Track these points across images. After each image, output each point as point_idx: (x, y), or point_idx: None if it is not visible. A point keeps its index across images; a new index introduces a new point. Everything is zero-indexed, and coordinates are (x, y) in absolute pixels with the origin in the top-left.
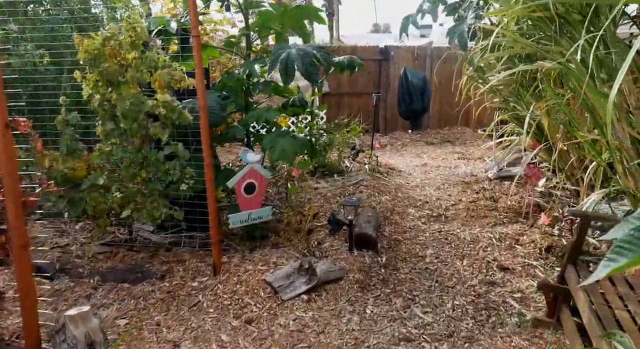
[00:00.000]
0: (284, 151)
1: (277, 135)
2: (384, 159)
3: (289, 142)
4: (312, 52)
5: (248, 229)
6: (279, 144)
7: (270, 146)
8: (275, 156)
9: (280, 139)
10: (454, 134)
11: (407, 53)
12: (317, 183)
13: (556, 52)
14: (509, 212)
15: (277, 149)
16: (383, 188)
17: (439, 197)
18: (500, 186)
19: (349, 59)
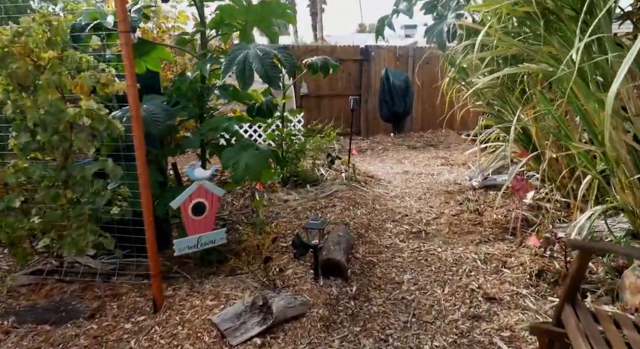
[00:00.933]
0: (249, 166)
1: (240, 148)
2: (363, 166)
3: (254, 155)
4: (272, 53)
5: (203, 252)
6: (242, 159)
7: (233, 162)
8: (239, 173)
9: (244, 153)
10: (437, 137)
11: (388, 53)
12: (287, 194)
13: (545, 53)
14: (495, 228)
15: (241, 165)
16: (359, 199)
17: (419, 210)
18: (485, 197)
19: (323, 60)
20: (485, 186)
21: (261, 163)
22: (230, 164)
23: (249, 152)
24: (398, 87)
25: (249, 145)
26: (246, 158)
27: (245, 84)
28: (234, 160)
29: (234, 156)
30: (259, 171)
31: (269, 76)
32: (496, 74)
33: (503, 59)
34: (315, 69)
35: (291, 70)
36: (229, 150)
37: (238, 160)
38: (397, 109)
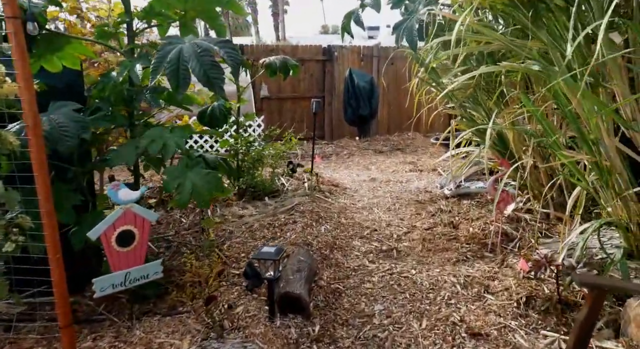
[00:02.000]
0: (196, 189)
1: (185, 165)
2: (328, 173)
3: (203, 175)
4: (212, 49)
5: (138, 286)
6: (188, 179)
7: (177, 184)
8: (184, 197)
9: (190, 173)
10: (404, 140)
11: (352, 53)
12: (243, 209)
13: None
14: (472, 243)
15: (186, 187)
16: (324, 213)
17: (389, 223)
18: (459, 207)
19: (282, 59)
20: (458, 194)
21: (211, 184)
22: (173, 186)
23: (196, 171)
24: (363, 89)
25: (196, 162)
26: (193, 178)
27: (180, 87)
28: (178, 181)
29: (179, 175)
30: (209, 194)
31: (209, 78)
32: (471, 74)
33: (477, 57)
34: (273, 69)
35: (236, 69)
36: (172, 169)
37: (183, 181)
38: (362, 111)
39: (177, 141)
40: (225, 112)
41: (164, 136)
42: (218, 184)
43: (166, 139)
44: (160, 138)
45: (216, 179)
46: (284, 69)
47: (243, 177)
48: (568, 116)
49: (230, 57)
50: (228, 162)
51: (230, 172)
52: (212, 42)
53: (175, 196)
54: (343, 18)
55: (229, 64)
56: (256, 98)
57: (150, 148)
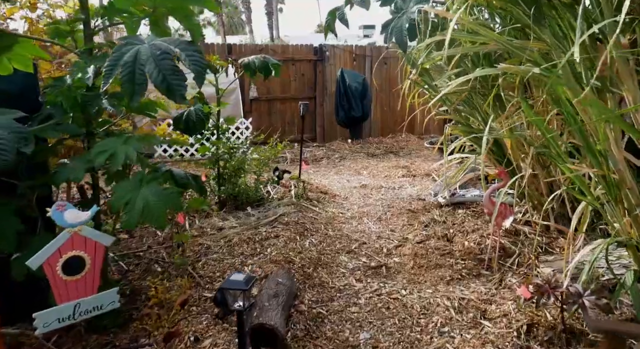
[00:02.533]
0: (149, 207)
1: (139, 181)
2: (317, 178)
3: (158, 193)
4: (173, 51)
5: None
6: (139, 197)
7: (126, 202)
8: (133, 217)
9: (144, 189)
10: (398, 142)
11: (344, 53)
12: (224, 220)
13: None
14: (468, 259)
15: (136, 205)
16: (310, 224)
17: (379, 235)
18: (454, 217)
19: (262, 60)
20: (452, 203)
21: (168, 203)
22: (120, 205)
23: (152, 187)
24: (355, 90)
25: (152, 177)
26: (147, 196)
27: (135, 93)
28: (127, 198)
29: (130, 191)
30: (163, 213)
31: (168, 84)
32: (466, 77)
33: (472, 59)
34: (252, 69)
35: (200, 75)
36: (123, 184)
37: (134, 198)
38: (354, 113)
39: (128, 152)
40: (203, 117)
41: (116, 146)
42: (177, 203)
43: (116, 150)
44: (111, 149)
45: (175, 196)
46: (264, 69)
47: (224, 185)
48: (572, 124)
49: (193, 62)
50: (198, 179)
51: (200, 190)
52: (172, 44)
53: (122, 216)
54: (327, 15)
55: (191, 69)
56: (245, 99)
57: (97, 160)
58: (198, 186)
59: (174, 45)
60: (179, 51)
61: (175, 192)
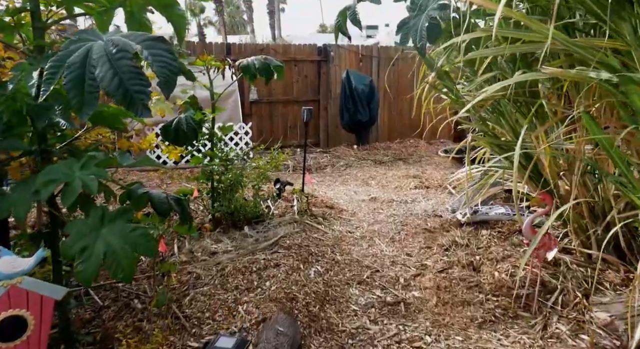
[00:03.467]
0: (114, 255)
1: (100, 218)
2: (321, 190)
3: (125, 233)
4: (132, 48)
5: None
6: (100, 240)
7: (82, 248)
8: (91, 268)
9: (105, 230)
10: (406, 148)
11: (350, 53)
12: (217, 242)
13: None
14: (500, 295)
15: (95, 252)
16: (315, 247)
17: (394, 260)
18: (477, 239)
19: (263, 61)
20: (474, 221)
21: (138, 248)
22: (74, 252)
23: (117, 227)
24: (361, 92)
25: (121, 213)
26: (109, 239)
27: (85, 104)
28: (84, 243)
29: (89, 233)
30: (131, 263)
31: (125, 90)
32: (504, 82)
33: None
34: (252, 72)
35: (168, 81)
36: (78, 224)
37: (92, 243)
38: (360, 117)
39: (86, 180)
40: (195, 126)
41: (70, 173)
42: (149, 247)
43: (70, 179)
44: (63, 177)
45: (146, 238)
46: (265, 71)
47: (219, 201)
48: None
49: (160, 63)
50: (182, 203)
51: (184, 216)
52: (135, 40)
53: (77, 267)
54: (337, 16)
55: (156, 72)
56: (244, 102)
57: (44, 192)
58: (182, 212)
59: (136, 41)
60: (141, 48)
61: (147, 233)
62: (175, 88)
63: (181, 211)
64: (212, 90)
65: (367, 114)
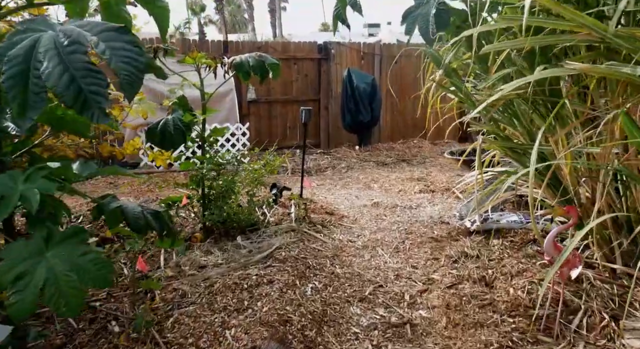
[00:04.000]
0: (57, 285)
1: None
2: (321, 194)
3: (71, 260)
4: (86, 40)
5: None
6: (41, 266)
7: (17, 275)
8: (28, 302)
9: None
10: (410, 149)
11: (351, 51)
12: (207, 254)
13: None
14: (517, 315)
15: (35, 281)
16: (312, 259)
17: (398, 273)
18: (489, 249)
19: (257, 58)
20: (484, 230)
21: (88, 278)
22: (8, 280)
23: (63, 251)
24: (363, 92)
25: (72, 234)
26: (53, 266)
27: (29, 107)
28: (21, 269)
29: (27, 258)
30: (78, 295)
31: (79, 90)
32: (522, 80)
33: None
34: (245, 70)
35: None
36: (17, 247)
37: (31, 270)
38: (362, 117)
39: (28, 194)
40: (184, 128)
41: (14, 186)
42: (101, 276)
43: (9, 191)
44: (1, 189)
45: (98, 265)
46: (259, 69)
47: (210, 209)
48: None
49: (122, 59)
50: (161, 217)
51: (162, 231)
52: (92, 30)
53: (11, 298)
54: (336, 3)
55: (116, 68)
56: (242, 101)
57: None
58: (161, 228)
59: (93, 32)
60: (97, 40)
61: (100, 259)
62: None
63: (160, 228)
64: (203, 89)
65: (369, 114)
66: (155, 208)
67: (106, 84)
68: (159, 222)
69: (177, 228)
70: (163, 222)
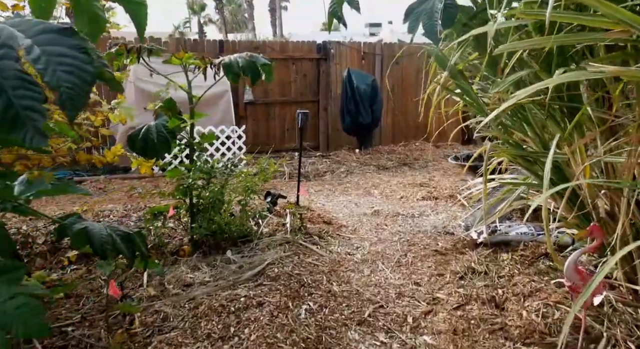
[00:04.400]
0: None
1: None
2: (319, 201)
3: None
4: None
5: None
6: None
7: None
8: None
9: None
10: (412, 152)
11: (351, 51)
12: (195, 270)
13: None
14: (533, 344)
15: None
16: (308, 275)
17: (400, 291)
18: (498, 264)
19: (247, 59)
20: (493, 242)
21: (15, 324)
22: None
23: None
24: (364, 93)
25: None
26: None
27: None
28: None
29: None
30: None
31: (8, 105)
32: (540, 84)
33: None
34: (234, 72)
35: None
36: None
37: None
38: (362, 119)
39: None
40: (168, 135)
41: None
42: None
43: None
44: None
45: (30, 312)
46: (250, 70)
47: (198, 221)
48: None
49: (62, 67)
50: (132, 239)
51: (134, 255)
52: (28, 31)
53: None
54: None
55: (53, 80)
56: (238, 103)
57: None
58: (131, 252)
59: (29, 33)
60: (31, 43)
61: (34, 304)
62: (84, 104)
63: (130, 253)
64: (190, 92)
65: (370, 116)
66: (125, 230)
67: (43, 98)
68: (130, 246)
69: (165, 240)
70: (135, 245)
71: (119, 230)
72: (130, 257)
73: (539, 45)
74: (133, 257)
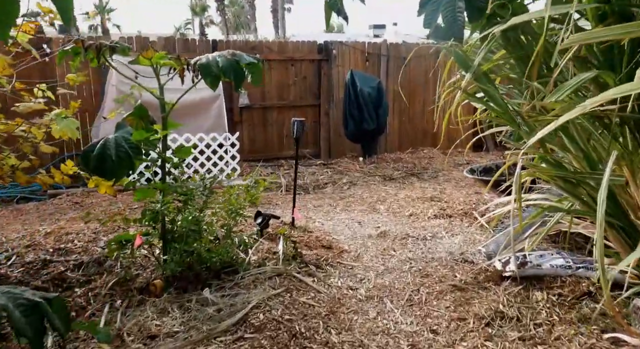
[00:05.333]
0: None
1: None
2: (318, 219)
3: None
4: None
5: None
6: None
7: None
8: None
9: None
10: (419, 160)
11: (354, 51)
12: (163, 313)
13: None
14: None
15: None
16: (301, 322)
17: (413, 343)
18: (531, 307)
19: (229, 58)
20: (523, 276)
21: None
22: None
23: None
24: (368, 96)
25: None
26: None
27: None
28: None
29: None
30: None
31: None
32: (620, 90)
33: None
34: (212, 74)
35: None
36: None
37: None
38: (367, 125)
39: None
40: (131, 151)
41: None
42: None
43: None
44: None
45: None
46: (233, 71)
47: (171, 252)
48: None
49: None
50: (44, 311)
51: (36, 344)
52: None
53: None
54: None
55: None
56: (233, 108)
57: None
58: (36, 330)
59: None
60: None
61: None
62: None
63: (34, 332)
64: (163, 99)
65: (375, 122)
66: (31, 298)
67: None
68: (35, 321)
69: (134, 271)
70: (48, 318)
71: (22, 297)
72: (33, 338)
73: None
74: (40, 337)
